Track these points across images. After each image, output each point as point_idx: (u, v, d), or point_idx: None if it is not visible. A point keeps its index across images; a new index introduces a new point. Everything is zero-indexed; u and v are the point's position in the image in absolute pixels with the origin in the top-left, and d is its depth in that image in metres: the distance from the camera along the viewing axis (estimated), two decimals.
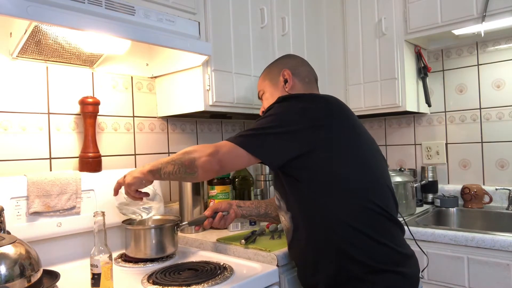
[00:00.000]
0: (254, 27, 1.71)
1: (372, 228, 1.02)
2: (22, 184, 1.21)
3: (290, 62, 1.34)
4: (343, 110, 1.11)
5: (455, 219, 2.02)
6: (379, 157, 1.16)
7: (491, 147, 2.07)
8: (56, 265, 1.22)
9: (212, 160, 1.03)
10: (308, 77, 1.32)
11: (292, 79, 1.29)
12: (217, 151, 1.03)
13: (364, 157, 1.09)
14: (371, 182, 1.07)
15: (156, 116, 1.72)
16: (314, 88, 1.33)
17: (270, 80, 1.35)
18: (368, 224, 1.02)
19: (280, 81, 1.31)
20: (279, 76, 1.31)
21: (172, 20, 1.32)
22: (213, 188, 1.67)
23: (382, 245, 1.03)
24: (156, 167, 1.12)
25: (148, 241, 1.27)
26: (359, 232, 1.02)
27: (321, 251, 1.06)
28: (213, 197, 1.67)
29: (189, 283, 1.04)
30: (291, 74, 1.29)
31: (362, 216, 1.03)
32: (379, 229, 1.04)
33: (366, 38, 2.11)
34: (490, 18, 1.72)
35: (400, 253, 1.05)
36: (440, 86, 2.23)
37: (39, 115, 1.36)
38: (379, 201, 1.05)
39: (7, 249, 0.88)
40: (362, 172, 1.06)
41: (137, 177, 1.14)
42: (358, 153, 1.08)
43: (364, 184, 1.05)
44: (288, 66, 1.32)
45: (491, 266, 1.44)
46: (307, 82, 1.31)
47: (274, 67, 1.36)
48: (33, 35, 1.13)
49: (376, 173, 1.09)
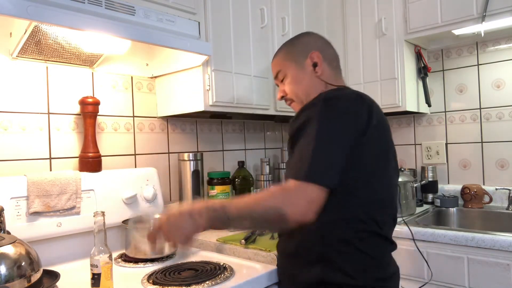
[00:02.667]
0: (254, 27, 1.71)
1: (362, 242, 0.97)
2: (22, 184, 1.21)
3: (317, 43, 1.18)
4: (381, 119, 1.02)
5: (455, 219, 2.02)
6: (393, 173, 1.08)
7: (491, 147, 2.07)
8: (56, 265, 1.22)
9: (309, 213, 0.89)
10: (335, 61, 1.19)
11: (322, 63, 1.14)
12: (312, 201, 0.89)
13: (380, 174, 1.01)
14: (377, 199, 1.00)
15: (156, 116, 1.72)
16: (340, 73, 1.20)
17: (293, 62, 1.18)
18: (358, 238, 0.97)
19: (307, 64, 1.15)
20: (306, 59, 1.15)
21: (172, 20, 1.32)
22: (213, 188, 1.67)
23: (369, 259, 0.97)
24: (221, 219, 0.91)
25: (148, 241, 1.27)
26: (349, 243, 0.96)
27: (309, 251, 1.00)
28: (213, 197, 1.67)
29: (189, 283, 1.04)
30: (321, 57, 1.14)
31: (356, 230, 0.97)
32: (370, 244, 0.98)
33: (366, 38, 2.11)
34: (490, 18, 1.72)
35: (381, 273, 1.00)
36: (440, 86, 2.23)
37: (39, 115, 1.36)
38: (378, 218, 0.99)
39: (7, 249, 0.88)
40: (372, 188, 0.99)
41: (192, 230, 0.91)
42: (377, 170, 1.00)
43: (369, 199, 0.99)
44: (316, 47, 1.16)
45: (491, 266, 1.44)
46: (334, 67, 1.18)
47: (298, 47, 1.19)
48: (33, 35, 1.13)
49: (385, 190, 1.03)
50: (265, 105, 1.75)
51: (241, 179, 1.81)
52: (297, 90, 1.17)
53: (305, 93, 1.15)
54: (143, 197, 1.48)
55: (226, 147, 2.03)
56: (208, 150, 1.93)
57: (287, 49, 1.23)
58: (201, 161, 1.64)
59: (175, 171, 1.77)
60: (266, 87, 1.76)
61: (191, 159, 1.61)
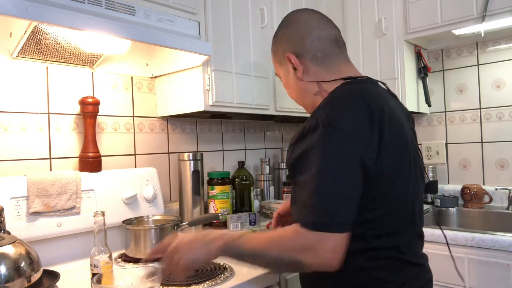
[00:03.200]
0: (254, 27, 1.71)
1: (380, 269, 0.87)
2: (22, 184, 1.21)
3: (291, 38, 1.01)
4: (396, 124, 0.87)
5: (455, 219, 2.02)
6: (415, 184, 0.93)
7: (491, 147, 2.07)
8: (56, 265, 1.22)
9: (334, 262, 0.80)
10: (321, 49, 0.98)
11: (301, 64, 0.99)
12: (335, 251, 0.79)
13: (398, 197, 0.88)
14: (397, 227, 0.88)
15: (156, 116, 1.72)
16: (335, 61, 1.00)
17: (279, 64, 1.07)
18: (375, 266, 0.86)
19: (289, 67, 1.02)
20: (286, 61, 1.02)
21: (172, 20, 1.32)
22: (213, 188, 1.67)
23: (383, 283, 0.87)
24: (234, 253, 0.86)
25: (148, 241, 1.27)
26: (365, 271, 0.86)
27: (323, 275, 0.89)
28: (213, 197, 1.67)
29: (189, 283, 1.04)
30: (296, 59, 0.99)
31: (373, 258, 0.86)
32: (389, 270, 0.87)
33: (366, 38, 2.11)
34: (490, 18, 1.72)
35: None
36: (440, 86, 2.23)
37: (39, 115, 1.36)
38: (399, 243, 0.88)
39: (7, 249, 0.88)
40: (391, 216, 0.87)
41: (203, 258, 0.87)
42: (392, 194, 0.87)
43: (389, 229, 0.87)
44: (290, 45, 1.01)
45: (491, 266, 1.44)
46: (321, 58, 0.98)
47: (278, 46, 1.06)
48: (33, 35, 1.13)
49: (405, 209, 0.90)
50: (265, 105, 1.75)
51: (241, 179, 1.81)
52: (290, 94, 1.09)
53: (297, 97, 1.06)
54: (143, 197, 1.48)
55: (226, 147, 2.03)
56: (208, 150, 1.93)
57: (272, 48, 1.10)
58: (201, 161, 1.64)
59: (175, 171, 1.77)
60: (266, 87, 1.76)
61: (191, 159, 1.61)
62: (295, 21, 1.03)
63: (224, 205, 1.67)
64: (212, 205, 1.67)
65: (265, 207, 1.88)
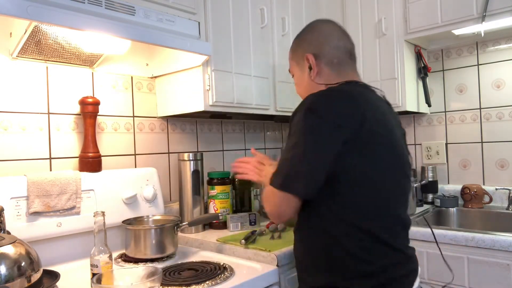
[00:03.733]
0: (254, 27, 1.71)
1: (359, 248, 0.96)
2: (22, 184, 1.21)
3: (313, 40, 1.14)
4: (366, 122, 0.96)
5: (455, 219, 2.02)
6: (400, 177, 1.04)
7: (491, 147, 2.07)
8: (56, 265, 1.22)
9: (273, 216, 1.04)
10: (337, 56, 1.12)
11: (317, 65, 1.11)
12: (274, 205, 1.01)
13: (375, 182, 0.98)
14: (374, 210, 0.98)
15: (156, 116, 1.72)
16: (346, 69, 1.12)
17: (296, 62, 1.19)
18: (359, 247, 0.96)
19: (305, 66, 1.14)
20: (304, 60, 1.14)
21: (172, 20, 1.32)
22: (213, 188, 1.67)
23: (366, 264, 0.96)
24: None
25: (148, 241, 1.27)
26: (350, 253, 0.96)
27: (311, 257, 1.03)
28: (213, 197, 1.67)
29: (189, 283, 1.04)
30: (314, 59, 1.11)
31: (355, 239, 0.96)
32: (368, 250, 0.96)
33: (366, 38, 2.11)
34: (490, 18, 1.72)
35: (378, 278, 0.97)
36: (440, 86, 2.23)
37: (39, 115, 1.36)
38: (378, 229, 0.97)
39: (7, 249, 0.88)
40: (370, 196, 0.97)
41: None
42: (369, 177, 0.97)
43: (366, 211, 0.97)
44: (311, 47, 1.13)
45: (491, 266, 1.44)
46: (336, 64, 1.11)
47: (299, 46, 1.18)
48: (33, 35, 1.13)
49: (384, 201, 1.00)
50: (265, 105, 1.75)
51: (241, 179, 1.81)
52: (299, 91, 1.20)
53: (305, 95, 1.10)
54: (143, 197, 1.48)
55: (226, 147, 2.03)
56: (208, 150, 1.93)
57: (293, 47, 1.22)
58: (201, 161, 1.64)
59: (175, 171, 1.77)
60: (266, 87, 1.76)
61: (191, 159, 1.61)
62: (318, 29, 1.17)
63: (224, 205, 1.67)
64: (212, 205, 1.67)
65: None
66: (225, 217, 1.63)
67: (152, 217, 1.44)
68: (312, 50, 1.13)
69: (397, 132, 1.07)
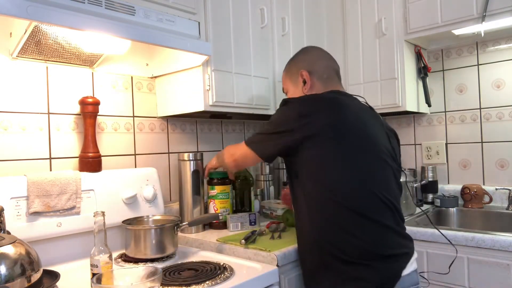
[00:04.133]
0: (254, 27, 1.71)
1: (350, 226, 1.10)
2: (22, 184, 1.21)
3: (306, 59, 1.36)
4: (340, 112, 1.15)
5: (455, 219, 2.02)
6: (377, 163, 1.17)
7: (491, 147, 2.07)
8: (56, 265, 1.22)
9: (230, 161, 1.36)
10: (326, 72, 1.33)
11: (310, 79, 1.32)
12: (234, 154, 1.34)
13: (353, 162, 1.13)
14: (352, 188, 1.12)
15: (156, 116, 1.72)
16: (333, 83, 1.33)
17: (290, 79, 1.39)
18: (344, 223, 1.10)
19: (299, 82, 1.34)
20: (298, 76, 1.34)
21: (172, 20, 1.32)
22: (213, 188, 1.67)
23: (358, 240, 1.09)
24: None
25: (148, 241, 1.27)
26: (336, 229, 1.11)
27: (305, 242, 1.20)
28: (213, 197, 1.66)
29: (189, 283, 1.04)
30: (308, 75, 1.32)
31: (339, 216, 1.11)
32: (357, 227, 1.10)
33: (366, 38, 2.11)
34: (490, 18, 1.72)
35: (372, 253, 1.09)
36: (440, 86, 2.23)
37: (39, 115, 1.36)
38: (361, 205, 1.10)
39: (7, 249, 0.88)
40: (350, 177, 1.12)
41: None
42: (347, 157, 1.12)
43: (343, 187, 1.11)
44: (305, 65, 1.34)
45: (491, 266, 1.44)
46: (325, 79, 1.32)
47: (293, 66, 1.38)
48: (33, 35, 1.13)
49: (362, 179, 1.13)
50: (265, 105, 1.75)
51: (241, 179, 1.81)
52: None
53: None
54: (143, 197, 1.48)
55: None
56: (208, 150, 1.93)
57: (287, 68, 1.41)
58: (201, 161, 1.64)
59: (175, 171, 1.77)
60: (266, 87, 1.76)
61: (191, 159, 1.61)
62: (311, 51, 1.40)
63: (224, 205, 1.67)
64: (212, 205, 1.66)
65: (265, 207, 1.88)
66: (225, 217, 1.63)
67: (152, 217, 1.44)
68: (305, 67, 1.33)
69: (373, 127, 1.22)
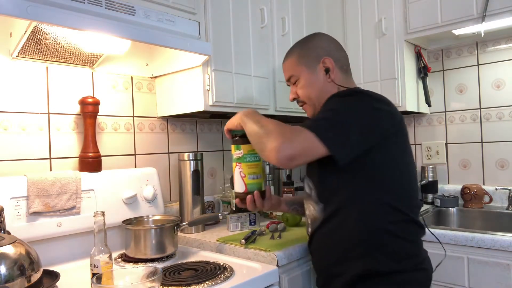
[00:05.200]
0: (254, 27, 1.71)
1: (402, 229, 1.06)
2: (22, 184, 1.21)
3: (329, 46, 1.22)
4: (401, 117, 1.12)
5: (455, 219, 2.02)
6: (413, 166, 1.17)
7: (491, 147, 2.07)
8: (56, 265, 1.22)
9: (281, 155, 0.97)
10: (345, 64, 1.23)
11: (335, 68, 1.19)
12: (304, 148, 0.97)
13: (409, 167, 1.12)
14: (409, 191, 1.10)
15: (156, 116, 1.72)
16: (350, 75, 1.25)
17: (305, 66, 1.20)
18: (400, 226, 1.06)
19: (319, 69, 1.19)
20: (318, 63, 1.19)
21: (172, 20, 1.32)
22: (239, 148, 1.21)
23: (409, 244, 1.07)
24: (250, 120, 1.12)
25: (148, 241, 1.27)
26: (392, 233, 1.05)
27: (353, 244, 1.06)
28: (239, 160, 1.20)
29: (189, 283, 1.04)
30: (333, 62, 1.18)
31: (397, 219, 1.06)
32: (409, 231, 1.08)
33: (366, 38, 2.11)
34: (490, 18, 1.72)
35: (419, 255, 1.11)
36: (440, 86, 2.23)
37: (39, 115, 1.36)
38: (412, 209, 1.10)
39: (7, 249, 0.88)
40: (405, 181, 1.09)
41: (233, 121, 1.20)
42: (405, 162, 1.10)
43: (405, 192, 1.09)
44: (328, 51, 1.20)
45: (491, 266, 1.44)
46: (345, 70, 1.22)
47: (311, 51, 1.21)
48: (33, 35, 1.13)
49: (413, 185, 1.13)
50: (265, 105, 1.75)
51: None
52: (310, 94, 1.21)
53: (317, 96, 1.20)
54: (143, 197, 1.48)
55: (226, 147, 2.03)
56: (208, 150, 1.93)
57: (299, 53, 1.23)
58: (201, 161, 1.64)
59: (175, 171, 1.77)
60: (266, 87, 1.76)
61: (191, 159, 1.61)
62: (327, 37, 1.26)
63: (253, 170, 1.18)
64: (238, 170, 1.19)
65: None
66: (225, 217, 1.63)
67: (152, 217, 1.44)
68: (329, 54, 1.20)
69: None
